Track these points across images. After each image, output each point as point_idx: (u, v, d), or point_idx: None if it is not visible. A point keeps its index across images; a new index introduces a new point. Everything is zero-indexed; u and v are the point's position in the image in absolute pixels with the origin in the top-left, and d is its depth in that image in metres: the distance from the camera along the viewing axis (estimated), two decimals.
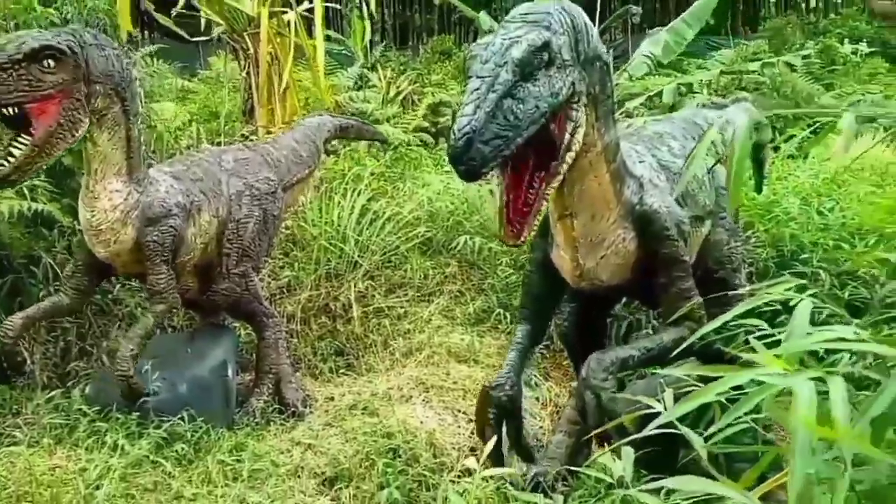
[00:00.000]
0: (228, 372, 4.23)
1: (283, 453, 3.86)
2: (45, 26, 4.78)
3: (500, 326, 5.29)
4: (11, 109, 3.31)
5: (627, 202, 3.19)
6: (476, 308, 5.42)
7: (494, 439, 3.16)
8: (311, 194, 6.05)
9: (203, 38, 8.65)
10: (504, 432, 3.51)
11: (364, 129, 6.05)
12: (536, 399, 4.53)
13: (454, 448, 3.95)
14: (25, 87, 3.31)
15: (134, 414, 3.86)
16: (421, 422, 4.12)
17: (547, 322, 3.82)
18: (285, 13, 7.51)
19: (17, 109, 3.33)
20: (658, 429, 1.67)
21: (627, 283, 3.37)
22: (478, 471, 2.90)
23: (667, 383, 2.48)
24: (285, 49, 7.41)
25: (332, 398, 4.57)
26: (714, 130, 2.48)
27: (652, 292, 3.36)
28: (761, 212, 5.34)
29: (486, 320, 5.37)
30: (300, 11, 7.49)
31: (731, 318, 1.90)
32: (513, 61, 2.52)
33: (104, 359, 4.60)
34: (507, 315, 5.28)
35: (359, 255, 5.58)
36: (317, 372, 4.98)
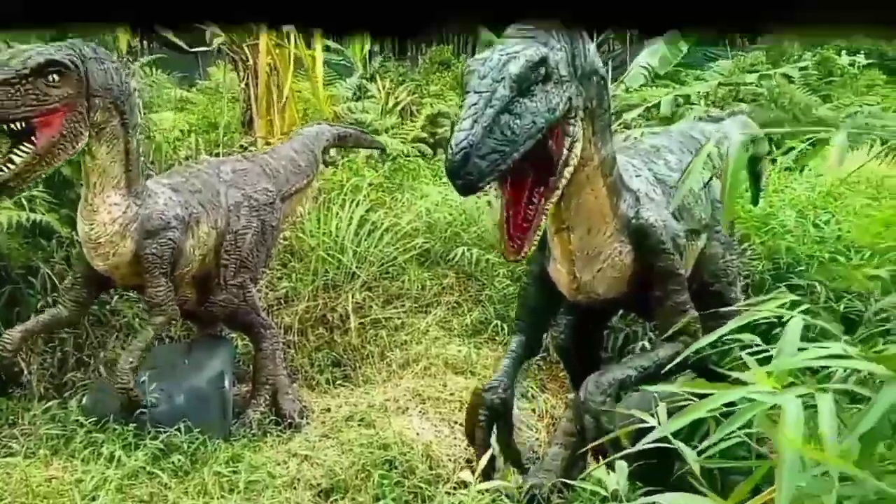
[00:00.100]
0: (225, 383, 4.24)
1: (279, 465, 3.86)
2: (46, 40, 4.79)
3: (498, 338, 5.30)
4: (19, 124, 3.34)
5: (624, 216, 3.21)
6: (473, 319, 5.43)
7: (489, 453, 3.17)
8: (309, 205, 6.07)
9: (202, 48, 8.67)
10: (494, 437, 3.52)
11: (362, 138, 6.07)
12: (533, 411, 4.53)
13: (450, 460, 3.95)
14: (33, 102, 3.34)
15: (131, 425, 3.86)
16: (417, 433, 4.13)
17: (542, 334, 3.84)
18: None
19: (25, 124, 3.36)
20: (653, 443, 1.68)
21: (624, 297, 3.39)
22: (473, 483, 2.90)
23: (660, 397, 2.50)
24: (284, 60, 7.44)
25: (328, 409, 4.57)
26: (711, 145, 2.50)
27: (648, 305, 3.37)
28: (758, 224, 5.35)
29: (484, 332, 5.38)
30: None
31: (726, 332, 1.92)
32: (510, 77, 2.54)
33: (101, 369, 4.60)
34: (505, 326, 5.28)
35: (356, 266, 5.58)
36: (313, 383, 4.98)
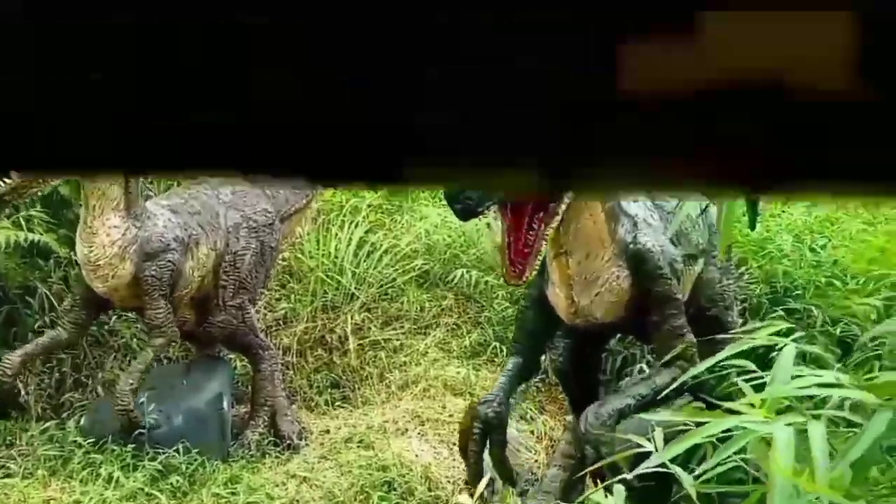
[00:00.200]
0: (224, 404, 4.24)
1: (278, 486, 3.86)
2: None
3: (497, 360, 5.29)
4: None
5: (621, 241, 3.23)
6: (472, 341, 5.43)
7: (488, 477, 3.17)
8: (308, 226, 6.08)
9: None
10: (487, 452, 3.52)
11: None
12: (532, 432, 4.53)
13: (449, 482, 3.95)
14: None
15: (129, 446, 3.86)
16: (416, 455, 4.13)
17: (539, 357, 3.86)
18: None
19: None
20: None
21: (621, 321, 3.40)
22: None
23: (657, 422, 2.51)
24: None
25: (327, 431, 4.57)
26: None
27: (645, 330, 3.39)
28: (755, 248, 5.36)
29: (483, 353, 5.38)
30: None
31: (722, 358, 1.94)
32: None
33: (99, 390, 4.60)
34: (504, 348, 5.27)
35: (355, 288, 5.59)
36: (312, 404, 4.98)
